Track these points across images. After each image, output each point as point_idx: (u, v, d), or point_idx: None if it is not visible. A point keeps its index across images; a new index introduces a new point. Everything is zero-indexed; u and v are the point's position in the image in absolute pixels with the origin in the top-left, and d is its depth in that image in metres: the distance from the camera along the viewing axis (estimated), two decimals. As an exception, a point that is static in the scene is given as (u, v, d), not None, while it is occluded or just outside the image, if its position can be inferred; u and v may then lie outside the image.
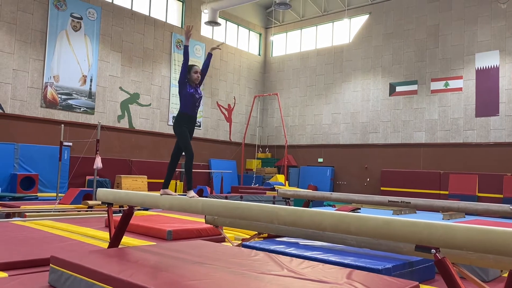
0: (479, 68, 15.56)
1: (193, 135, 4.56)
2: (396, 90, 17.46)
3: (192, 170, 4.45)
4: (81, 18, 14.76)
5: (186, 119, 4.42)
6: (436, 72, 16.54)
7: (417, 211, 8.97)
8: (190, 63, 4.50)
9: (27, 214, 8.13)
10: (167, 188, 4.42)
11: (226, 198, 11.51)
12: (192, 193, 4.19)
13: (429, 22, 16.86)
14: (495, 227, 2.31)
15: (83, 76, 14.83)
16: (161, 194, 4.30)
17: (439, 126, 16.30)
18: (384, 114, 17.68)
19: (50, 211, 8.74)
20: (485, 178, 14.64)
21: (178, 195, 4.38)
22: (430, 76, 16.66)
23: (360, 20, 18.91)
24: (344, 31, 19.41)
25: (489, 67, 15.34)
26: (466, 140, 15.68)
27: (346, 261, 3.86)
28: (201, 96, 4.58)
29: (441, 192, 15.34)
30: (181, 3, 18.37)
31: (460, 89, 15.93)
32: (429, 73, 16.69)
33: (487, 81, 15.34)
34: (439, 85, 16.40)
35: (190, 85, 4.46)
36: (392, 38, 17.76)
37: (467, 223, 2.44)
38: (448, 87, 16.20)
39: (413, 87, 17.02)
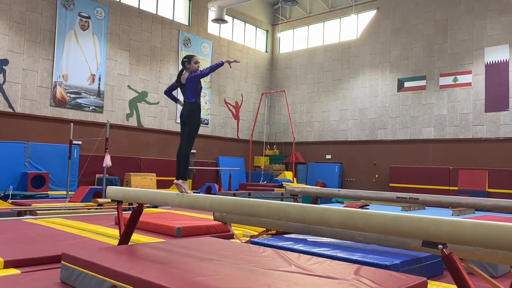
0: (488, 63, 15.41)
1: (201, 133, 4.67)
2: (405, 86, 17.35)
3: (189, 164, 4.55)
4: (89, 17, 14.86)
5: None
6: (444, 67, 16.40)
7: (426, 208, 8.92)
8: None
9: (38, 212, 8.23)
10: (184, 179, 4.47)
11: (234, 195, 11.54)
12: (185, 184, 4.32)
13: (437, 17, 16.72)
14: (504, 222, 2.30)
15: (92, 75, 14.94)
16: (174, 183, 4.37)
17: (448, 121, 16.19)
18: (393, 110, 17.58)
19: (61, 209, 8.84)
20: (495, 173, 14.52)
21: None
22: (438, 71, 16.54)
23: (368, 16, 18.80)
24: (351, 27, 19.31)
25: (499, 61, 15.18)
26: (475, 135, 15.55)
27: (354, 257, 3.87)
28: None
29: (451, 188, 15.24)
30: (188, 1, 18.39)
31: (469, 84, 15.79)
32: (438, 68, 16.56)
33: (497, 75, 15.19)
34: (448, 80, 16.27)
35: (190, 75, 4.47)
36: (400, 33, 17.64)
37: (477, 219, 2.43)
38: (457, 82, 16.06)
39: (422, 83, 16.91)
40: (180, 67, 4.77)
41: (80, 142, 13.10)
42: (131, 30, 16.16)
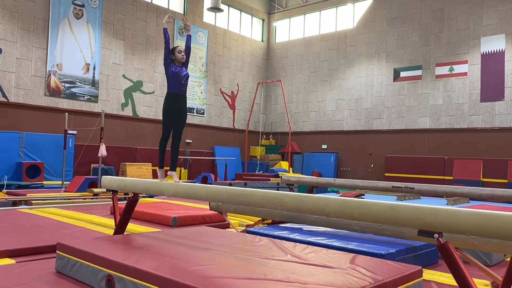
0: (484, 53, 15.40)
1: (197, 122, 4.76)
2: (401, 76, 17.33)
3: (165, 151, 4.84)
4: (83, 6, 14.68)
5: (174, 98, 4.62)
6: (441, 57, 16.38)
7: (421, 197, 8.97)
8: (174, 45, 4.88)
9: (33, 202, 8.20)
10: (162, 168, 4.76)
11: (230, 185, 11.55)
12: (174, 174, 4.54)
13: (434, 6, 16.65)
14: (499, 211, 2.31)
15: (86, 64, 14.81)
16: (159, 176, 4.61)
17: (443, 111, 16.21)
18: (388, 100, 17.58)
19: (56, 199, 8.81)
20: (490, 163, 14.60)
21: (183, 182, 4.41)
22: (434, 61, 16.52)
23: (364, 5, 18.70)
24: (348, 16, 19.21)
25: (495, 51, 15.17)
26: (471, 125, 15.59)
27: (349, 246, 3.88)
28: (187, 75, 4.78)
29: (446, 177, 15.32)
30: (183, -11, 18.21)
31: (465, 74, 15.79)
32: (434, 58, 16.54)
33: (493, 65, 15.19)
34: (444, 70, 16.26)
35: (174, 65, 4.67)
36: (396, 22, 17.58)
37: (472, 208, 2.43)
38: (453, 72, 16.06)
39: (418, 72, 16.89)
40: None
41: (75, 132, 13.03)
42: (126, 19, 16.00)
